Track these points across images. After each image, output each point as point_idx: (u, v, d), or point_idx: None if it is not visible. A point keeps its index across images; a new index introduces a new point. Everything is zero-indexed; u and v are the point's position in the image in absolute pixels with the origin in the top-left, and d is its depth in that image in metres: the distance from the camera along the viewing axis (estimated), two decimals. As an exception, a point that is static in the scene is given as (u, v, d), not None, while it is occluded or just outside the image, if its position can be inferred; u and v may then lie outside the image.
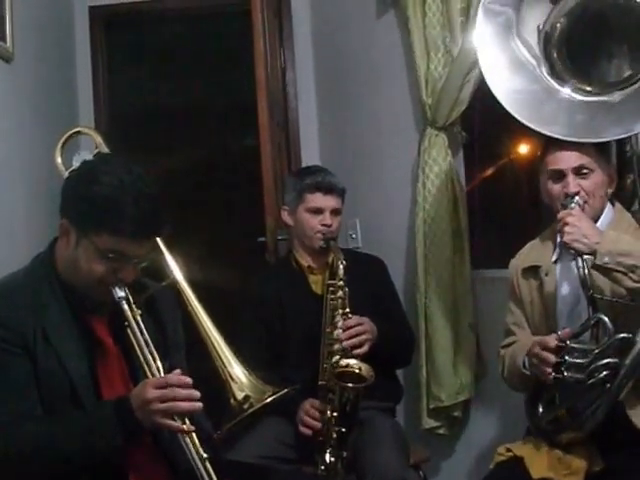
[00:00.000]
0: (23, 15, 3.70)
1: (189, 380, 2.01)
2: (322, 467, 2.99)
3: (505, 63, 2.87)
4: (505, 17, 2.85)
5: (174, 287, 2.37)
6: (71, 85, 4.74)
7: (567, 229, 2.51)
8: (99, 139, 2.66)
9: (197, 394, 2.01)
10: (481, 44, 2.91)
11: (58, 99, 4.38)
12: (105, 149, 2.62)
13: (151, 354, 2.07)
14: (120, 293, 2.08)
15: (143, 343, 2.08)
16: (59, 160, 2.60)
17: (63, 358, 2.05)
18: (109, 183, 2.02)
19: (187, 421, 2.00)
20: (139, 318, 2.10)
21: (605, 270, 2.44)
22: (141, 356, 2.07)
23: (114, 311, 2.11)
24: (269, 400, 2.22)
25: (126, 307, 2.08)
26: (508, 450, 2.68)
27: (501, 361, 2.85)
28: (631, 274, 2.39)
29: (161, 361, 2.08)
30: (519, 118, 2.78)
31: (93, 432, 2.00)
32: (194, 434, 2.01)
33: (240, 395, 2.21)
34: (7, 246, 3.32)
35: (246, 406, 2.20)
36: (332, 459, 2.98)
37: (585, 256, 2.49)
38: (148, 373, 2.05)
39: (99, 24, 4.89)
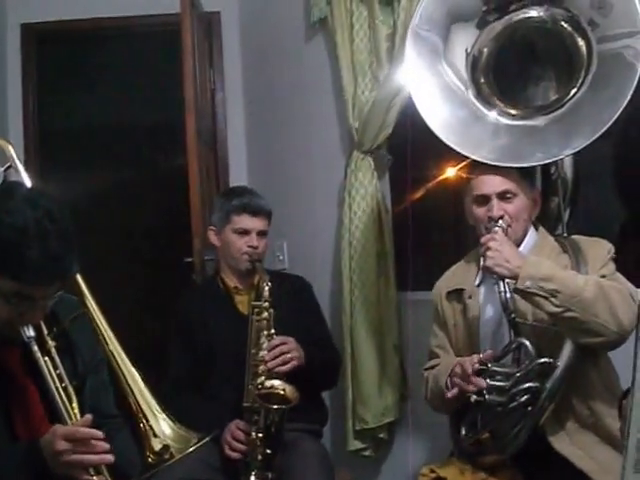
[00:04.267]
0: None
1: (99, 433, 1.92)
2: (248, 489, 2.97)
3: (434, 87, 2.89)
4: (432, 41, 2.88)
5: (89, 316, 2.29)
6: (1, 101, 4.68)
7: (489, 253, 2.52)
8: (11, 151, 2.59)
9: (107, 446, 1.93)
10: (410, 68, 2.92)
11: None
12: (17, 162, 2.55)
13: (65, 390, 2.00)
14: (29, 333, 1.98)
15: (57, 380, 2.00)
16: None
17: None
18: (11, 224, 1.85)
19: (100, 474, 1.94)
20: (53, 351, 2.03)
21: (526, 294, 2.46)
22: (55, 394, 1.99)
23: (26, 345, 2.01)
24: (191, 450, 2.14)
25: (35, 348, 1.99)
26: (432, 471, 2.70)
27: (425, 383, 2.86)
28: (552, 299, 2.41)
29: (77, 392, 2.03)
30: (447, 142, 2.81)
31: (1, 475, 1.93)
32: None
33: (159, 447, 2.13)
34: None
35: (167, 456, 2.12)
36: (257, 481, 2.97)
37: (507, 280, 2.51)
38: (64, 415, 1.98)
39: (31, 41, 4.86)
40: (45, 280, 1.92)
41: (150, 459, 2.13)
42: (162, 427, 2.16)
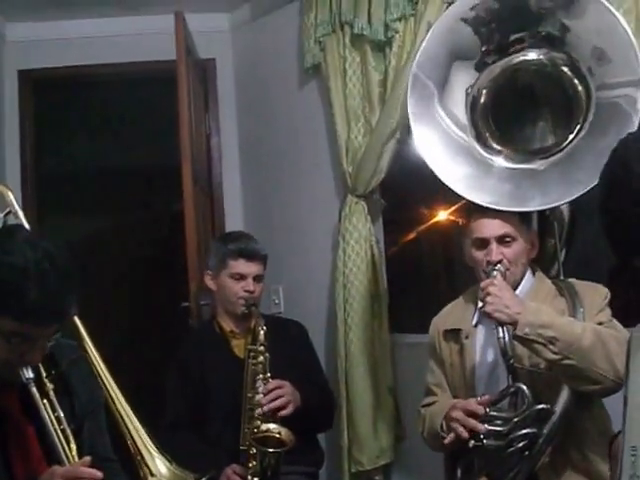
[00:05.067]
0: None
1: (99, 474, 1.92)
2: (244, 532, 2.97)
3: (433, 132, 2.89)
4: (432, 83, 2.88)
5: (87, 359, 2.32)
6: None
7: (489, 299, 2.51)
8: (11, 197, 2.61)
9: None
10: (411, 116, 2.91)
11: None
12: (17, 207, 2.57)
13: (63, 433, 2.01)
14: (28, 374, 1.98)
15: (55, 422, 2.00)
16: None
17: None
18: (11, 265, 1.88)
19: None
20: (52, 393, 2.04)
21: (525, 341, 2.46)
22: (54, 436, 1.99)
23: (24, 387, 2.02)
24: None
25: (34, 390, 1.99)
26: (429, 512, 2.72)
27: (421, 421, 2.85)
28: (551, 346, 2.41)
29: (75, 435, 2.03)
30: (450, 187, 2.81)
31: None
32: None
33: None
34: None
35: None
36: (254, 525, 2.97)
37: (506, 326, 2.51)
38: (62, 456, 1.98)
39: (28, 87, 4.89)
40: (45, 320, 1.94)
41: None
42: (158, 467, 2.18)
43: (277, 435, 3.00)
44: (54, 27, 4.79)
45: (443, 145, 2.88)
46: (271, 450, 2.94)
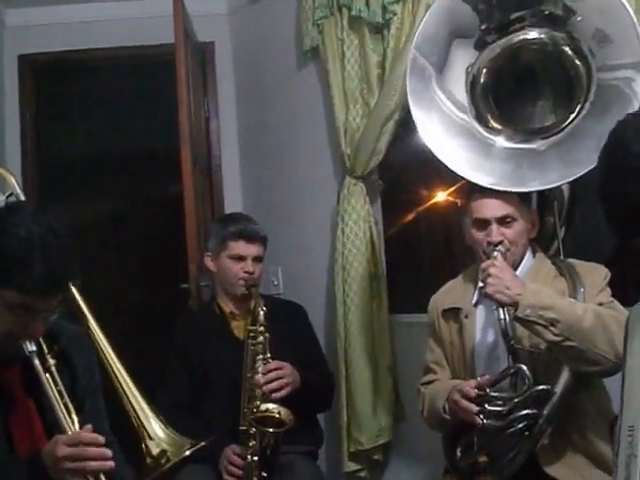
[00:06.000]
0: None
1: (101, 439, 1.96)
2: (243, 513, 2.99)
3: (432, 112, 2.88)
4: (431, 63, 2.87)
5: (87, 334, 2.34)
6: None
7: (490, 280, 2.52)
8: (12, 180, 2.63)
9: (108, 453, 1.96)
10: (410, 97, 2.91)
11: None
12: (18, 191, 2.59)
13: (65, 406, 2.02)
14: (31, 347, 2.01)
15: (57, 395, 2.02)
16: None
17: None
18: (16, 237, 1.95)
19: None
20: (53, 369, 2.06)
21: (526, 322, 2.47)
22: (57, 408, 2.01)
23: (26, 363, 2.05)
24: (187, 454, 2.18)
25: (37, 362, 2.02)
26: (428, 490, 2.74)
27: (421, 400, 2.86)
28: (552, 327, 2.41)
29: (76, 412, 2.04)
30: (450, 167, 2.80)
31: None
32: None
33: (156, 451, 2.18)
34: None
35: (163, 461, 2.16)
36: (253, 504, 2.99)
37: (506, 307, 2.52)
38: (65, 426, 2.00)
39: (28, 72, 4.90)
40: (48, 291, 1.98)
41: (148, 461, 2.17)
42: (155, 430, 2.21)
43: (277, 415, 3.01)
44: (53, 12, 4.80)
45: (443, 126, 2.87)
46: (271, 430, 2.96)
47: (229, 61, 4.80)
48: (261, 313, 3.16)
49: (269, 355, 3.13)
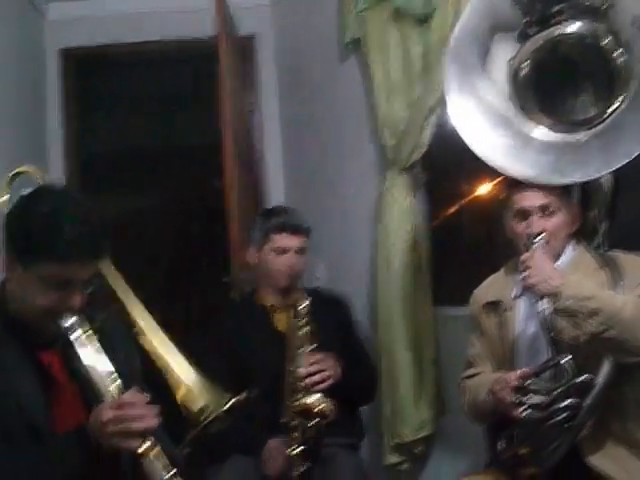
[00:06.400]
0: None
1: (144, 397, 1.95)
2: (286, 504, 3.00)
3: (473, 106, 2.87)
4: (472, 55, 2.87)
5: (122, 313, 2.32)
6: (40, 126, 4.79)
7: (530, 272, 2.53)
8: (39, 175, 2.65)
9: (154, 411, 1.94)
10: (449, 89, 2.91)
11: (27, 143, 4.42)
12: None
13: (107, 376, 2.02)
14: (71, 319, 2.02)
15: (99, 365, 2.03)
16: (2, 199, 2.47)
17: (19, 397, 2.00)
18: (43, 210, 1.99)
19: (150, 441, 1.93)
20: (95, 338, 2.05)
21: (567, 313, 2.46)
22: (99, 381, 2.01)
23: (66, 346, 2.05)
24: (228, 406, 2.21)
25: (76, 335, 2.03)
26: (470, 481, 2.72)
27: (463, 393, 2.87)
28: (592, 318, 2.41)
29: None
30: (489, 162, 2.80)
31: (54, 462, 1.94)
32: (157, 455, 1.94)
33: (197, 406, 2.18)
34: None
35: (205, 415, 2.17)
36: (295, 496, 2.99)
37: (547, 298, 2.52)
38: (106, 396, 1.99)
39: (70, 66, 4.95)
40: (80, 253, 1.98)
41: (190, 415, 2.18)
42: (195, 385, 2.24)
43: (319, 408, 3.00)
44: (94, 5, 4.86)
45: (483, 117, 2.86)
46: (313, 422, 2.96)
47: (270, 54, 4.84)
48: (303, 306, 3.16)
49: (311, 348, 3.12)
